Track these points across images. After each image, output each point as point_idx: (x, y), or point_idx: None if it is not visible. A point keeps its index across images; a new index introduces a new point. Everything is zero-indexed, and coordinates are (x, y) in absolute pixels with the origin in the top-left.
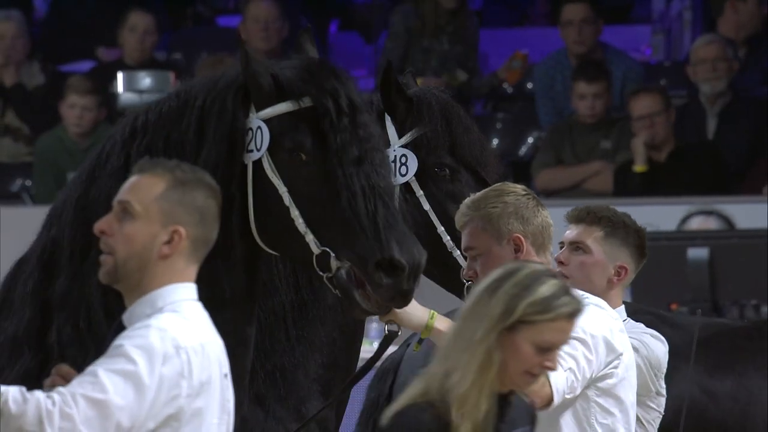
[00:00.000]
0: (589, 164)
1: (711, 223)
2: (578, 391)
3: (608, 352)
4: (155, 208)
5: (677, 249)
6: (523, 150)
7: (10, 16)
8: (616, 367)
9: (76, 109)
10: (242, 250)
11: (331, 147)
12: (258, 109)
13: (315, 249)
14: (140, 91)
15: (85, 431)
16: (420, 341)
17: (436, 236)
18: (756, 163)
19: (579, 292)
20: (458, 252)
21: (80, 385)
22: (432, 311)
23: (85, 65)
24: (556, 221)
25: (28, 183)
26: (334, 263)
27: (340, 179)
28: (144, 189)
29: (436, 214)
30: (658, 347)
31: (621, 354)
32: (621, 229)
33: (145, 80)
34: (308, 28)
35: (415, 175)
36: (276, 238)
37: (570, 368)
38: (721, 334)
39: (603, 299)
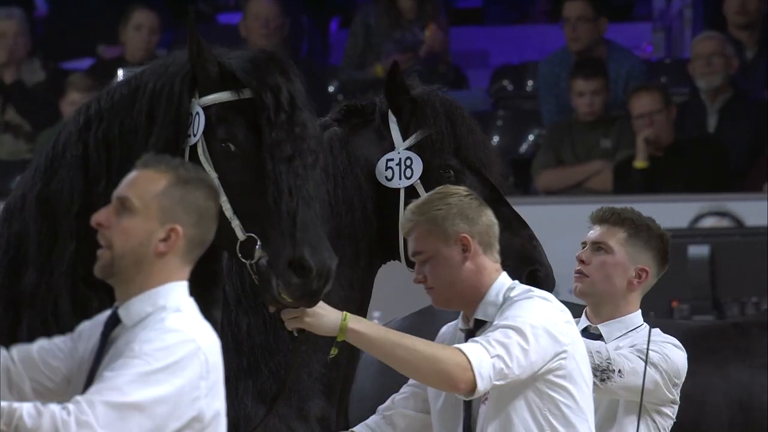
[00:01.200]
0: (590, 164)
1: (724, 224)
2: (510, 380)
3: (552, 343)
4: (155, 204)
5: (678, 246)
6: (523, 147)
7: (11, 13)
8: (564, 359)
9: (76, 106)
10: None
11: (264, 141)
12: (201, 95)
13: (240, 235)
14: None
15: None
16: (336, 345)
17: None
18: (757, 161)
19: (525, 287)
20: None
21: (98, 391)
22: (345, 312)
23: (86, 62)
24: (557, 220)
25: None
26: (257, 252)
27: (269, 175)
28: (145, 185)
29: None
30: (679, 357)
31: (567, 345)
32: (644, 232)
33: None
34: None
35: (419, 178)
36: None
37: (498, 355)
38: (677, 334)
39: (622, 301)
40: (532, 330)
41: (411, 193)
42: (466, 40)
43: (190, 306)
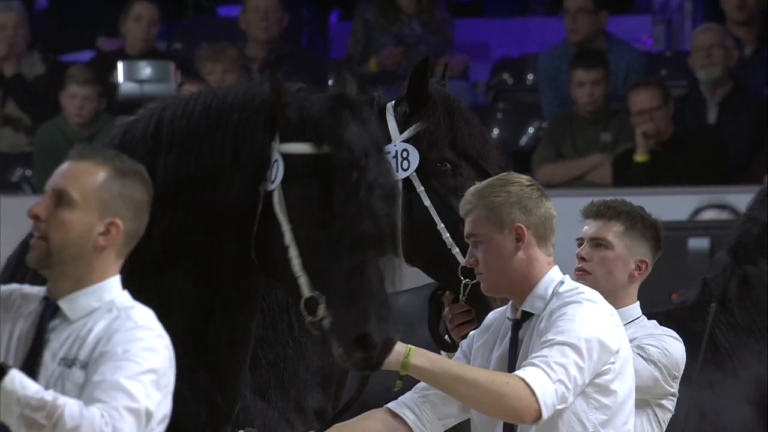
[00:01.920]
0: (589, 157)
1: (724, 217)
2: (570, 400)
3: (604, 354)
4: (94, 198)
5: (678, 239)
6: (523, 140)
7: (10, 6)
8: (613, 363)
9: (76, 99)
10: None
11: (336, 206)
12: (281, 140)
13: (306, 292)
14: (141, 81)
15: None
16: (401, 378)
17: (436, 233)
18: (757, 154)
19: (573, 284)
20: (457, 249)
21: (115, 398)
22: (409, 347)
23: (86, 55)
24: (557, 212)
25: (29, 173)
26: (321, 312)
27: (343, 242)
28: (84, 177)
29: (437, 210)
30: (677, 349)
31: (617, 351)
32: (639, 223)
33: (146, 70)
34: (350, 67)
35: (415, 170)
36: (271, 267)
37: (560, 380)
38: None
39: (623, 293)
40: (586, 345)
41: (407, 185)
42: (466, 32)
43: (137, 302)
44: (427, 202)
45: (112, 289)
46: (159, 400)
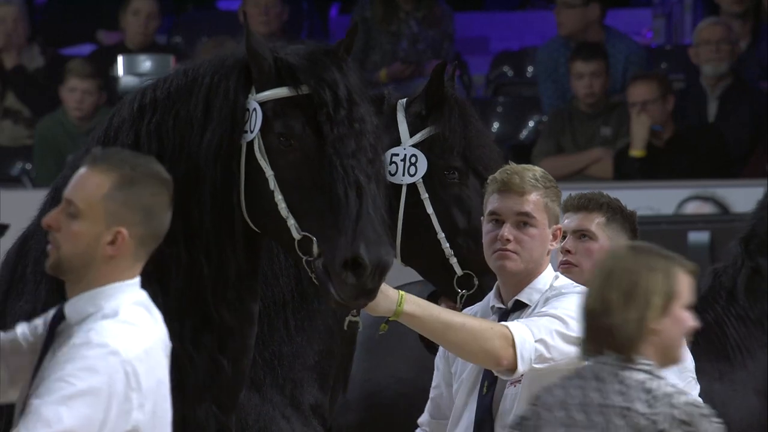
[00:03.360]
0: (590, 151)
1: (707, 209)
2: (548, 365)
3: None
4: (100, 208)
5: (678, 233)
6: (523, 134)
7: None
8: None
9: (76, 93)
10: (242, 228)
11: (326, 138)
12: (257, 91)
13: (296, 234)
14: (141, 75)
15: None
16: (387, 322)
17: (436, 241)
18: (756, 148)
19: (568, 280)
20: (455, 260)
21: (35, 422)
22: (401, 293)
23: (86, 48)
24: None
25: (29, 166)
26: (315, 248)
27: (336, 171)
28: (89, 188)
29: (439, 218)
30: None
31: None
32: (619, 215)
33: (146, 64)
34: (355, 28)
35: (422, 177)
36: (262, 219)
37: (541, 339)
38: None
39: None
40: (574, 322)
41: (412, 190)
42: (466, 26)
43: (132, 309)
44: (430, 210)
45: (111, 295)
46: (98, 419)
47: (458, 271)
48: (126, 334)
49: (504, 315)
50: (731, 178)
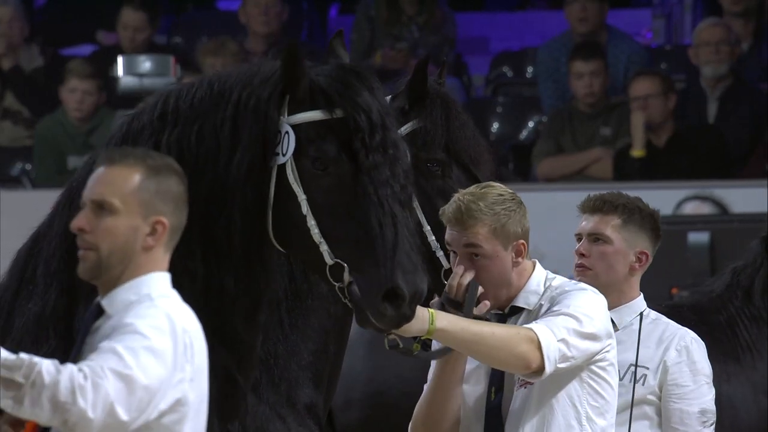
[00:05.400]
0: (589, 151)
1: (706, 209)
2: (569, 364)
3: (606, 337)
4: (134, 200)
5: (678, 233)
6: (523, 134)
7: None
8: (608, 351)
9: (76, 93)
10: (271, 250)
11: (362, 165)
12: (290, 113)
13: (328, 260)
14: (140, 75)
15: (116, 405)
16: (418, 340)
17: (422, 234)
18: (756, 148)
19: (566, 279)
20: (442, 252)
21: (105, 359)
22: (431, 311)
23: (86, 49)
24: (558, 208)
25: (28, 167)
26: (347, 276)
27: (371, 198)
28: (118, 182)
29: (423, 211)
30: (703, 354)
31: (612, 338)
32: (637, 215)
33: (146, 64)
34: (341, 31)
35: None
36: (292, 243)
37: (563, 339)
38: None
39: (625, 286)
40: (589, 319)
41: None
42: (466, 26)
43: (175, 294)
44: (414, 202)
45: (152, 282)
46: (161, 378)
47: (445, 264)
48: (181, 310)
49: (501, 319)
50: (731, 178)
